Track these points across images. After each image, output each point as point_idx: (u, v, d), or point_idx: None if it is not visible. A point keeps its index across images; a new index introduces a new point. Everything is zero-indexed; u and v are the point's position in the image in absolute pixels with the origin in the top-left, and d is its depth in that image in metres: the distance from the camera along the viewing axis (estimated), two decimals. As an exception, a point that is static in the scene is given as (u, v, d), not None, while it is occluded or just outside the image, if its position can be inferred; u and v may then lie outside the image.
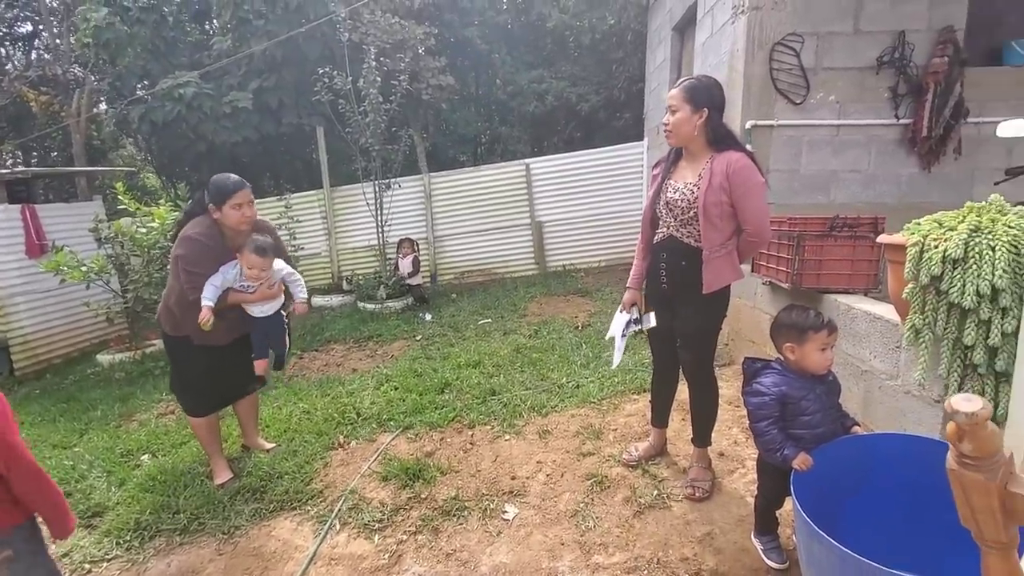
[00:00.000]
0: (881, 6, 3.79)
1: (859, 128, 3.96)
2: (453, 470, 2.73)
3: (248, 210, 2.51)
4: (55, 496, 1.53)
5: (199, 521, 2.49)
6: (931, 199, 3.85)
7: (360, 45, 6.78)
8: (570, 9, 9.42)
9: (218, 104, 7.44)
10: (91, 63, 8.43)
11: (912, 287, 1.89)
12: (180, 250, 2.48)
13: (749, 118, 3.92)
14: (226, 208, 2.47)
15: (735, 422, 2.94)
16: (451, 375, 3.95)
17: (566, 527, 2.24)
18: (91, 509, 2.67)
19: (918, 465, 1.63)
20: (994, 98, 3.86)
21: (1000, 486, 0.64)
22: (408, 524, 2.35)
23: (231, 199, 2.46)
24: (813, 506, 1.43)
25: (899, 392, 2.17)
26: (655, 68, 6.92)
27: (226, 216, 2.48)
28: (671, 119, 2.14)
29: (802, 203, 3.92)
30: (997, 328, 1.70)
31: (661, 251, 2.27)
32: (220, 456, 2.84)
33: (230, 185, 2.48)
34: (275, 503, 2.57)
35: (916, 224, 1.95)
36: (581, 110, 9.19)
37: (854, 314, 2.46)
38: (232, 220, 2.49)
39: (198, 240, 2.47)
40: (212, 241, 2.51)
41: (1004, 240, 1.70)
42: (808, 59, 3.85)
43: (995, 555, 0.73)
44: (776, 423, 1.78)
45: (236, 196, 2.47)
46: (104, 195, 7.92)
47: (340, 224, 7.82)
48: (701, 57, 4.92)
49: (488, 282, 7.51)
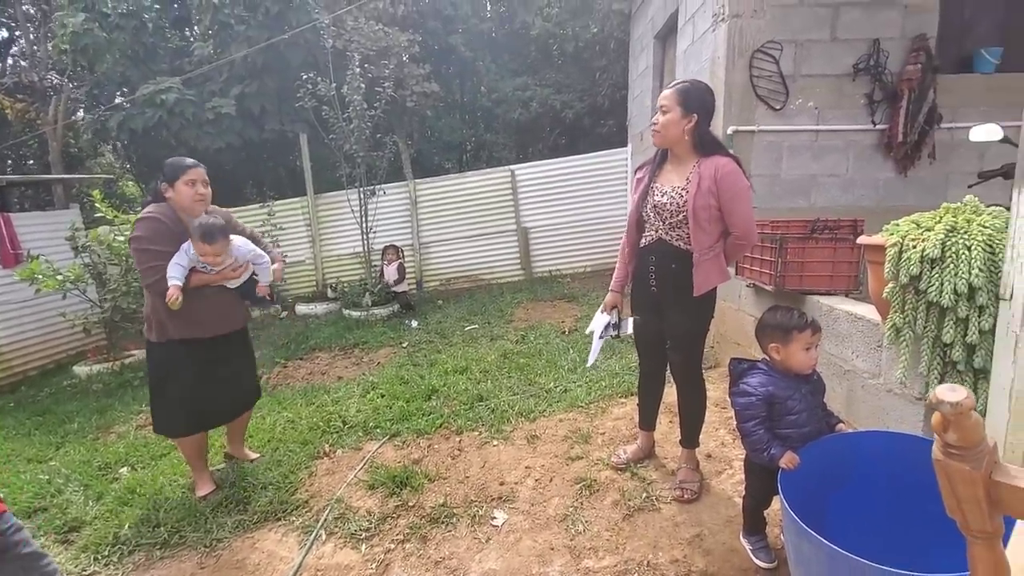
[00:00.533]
0: (856, 15, 3.89)
1: (837, 133, 4.05)
2: (441, 477, 2.71)
3: (201, 188, 2.48)
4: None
5: (180, 534, 2.43)
6: (907, 202, 3.93)
7: (344, 52, 6.76)
8: (553, 18, 9.51)
9: (200, 110, 7.35)
10: (68, 70, 8.29)
11: (892, 287, 1.93)
12: (135, 232, 2.44)
13: (731, 124, 3.98)
14: (179, 184, 2.44)
15: (722, 423, 2.96)
16: (438, 381, 3.92)
17: (555, 532, 2.23)
18: (68, 524, 2.59)
19: (901, 461, 1.66)
20: (965, 104, 3.97)
21: (985, 475, 0.65)
22: (396, 532, 2.32)
23: (184, 175, 2.44)
24: (800, 505, 1.44)
25: (881, 390, 2.21)
26: (638, 75, 7.01)
27: (179, 193, 2.45)
28: (661, 119, 2.16)
29: (784, 207, 3.98)
30: (975, 326, 1.74)
31: (650, 254, 2.28)
32: (204, 468, 2.76)
33: (183, 162, 2.48)
34: (259, 514, 2.52)
35: (895, 225, 1.99)
36: (565, 117, 9.27)
37: (836, 315, 2.50)
38: (185, 197, 2.45)
39: (151, 217, 2.43)
40: (167, 219, 2.45)
41: (979, 240, 1.74)
42: (787, 66, 3.93)
43: (980, 545, 0.74)
44: (763, 423, 1.79)
45: (189, 173, 2.45)
46: (81, 203, 7.77)
47: (324, 231, 7.75)
48: (683, 64, 4.99)
49: (474, 288, 7.50)
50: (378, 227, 7.19)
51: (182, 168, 2.45)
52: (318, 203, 7.67)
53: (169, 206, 2.50)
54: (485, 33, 9.93)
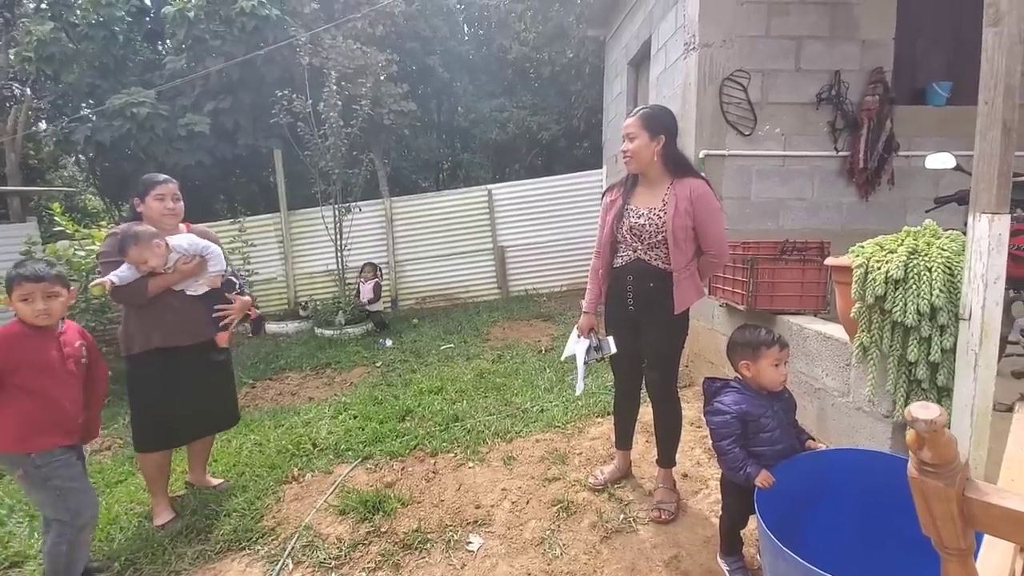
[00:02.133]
0: (819, 47, 4.09)
1: (803, 159, 4.21)
2: (415, 501, 2.63)
3: (171, 203, 2.51)
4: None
5: (135, 567, 2.28)
6: (869, 226, 4.09)
7: (320, 69, 6.75)
8: (530, 42, 9.73)
9: (172, 126, 7.20)
10: (31, 79, 8.04)
11: (859, 307, 1.99)
12: (102, 247, 2.47)
13: (702, 148, 4.10)
14: (149, 200, 2.47)
15: (697, 443, 2.97)
16: (412, 402, 3.85)
17: (532, 556, 2.18)
18: (9, 559, 2.41)
19: (872, 478, 1.69)
20: (920, 134, 4.19)
21: (958, 492, 0.66)
22: (367, 560, 2.24)
23: (154, 190, 2.48)
24: (777, 523, 1.44)
25: (851, 408, 2.26)
26: (612, 100, 7.19)
27: (149, 208, 2.48)
28: (630, 146, 2.21)
29: (753, 229, 4.10)
30: (937, 345, 1.80)
31: (627, 274, 2.31)
32: (163, 495, 2.63)
33: (154, 178, 2.52)
34: (222, 543, 2.39)
35: (860, 247, 2.06)
36: (542, 138, 9.42)
37: (806, 334, 2.56)
38: (155, 212, 2.48)
39: (115, 234, 2.44)
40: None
41: (939, 262, 1.81)
42: (755, 94, 4.08)
43: (954, 561, 0.75)
44: (737, 441, 1.80)
45: (158, 188, 2.48)
46: (40, 217, 7.47)
47: (297, 248, 7.62)
48: (656, 90, 5.14)
49: (450, 307, 7.45)
50: (353, 245, 7.11)
51: (152, 183, 2.49)
52: (291, 220, 7.56)
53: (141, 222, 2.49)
54: (463, 55, 10.07)
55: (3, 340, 1.94)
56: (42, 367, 1.98)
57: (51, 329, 2.04)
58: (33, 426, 1.96)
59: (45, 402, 1.98)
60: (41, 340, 2.00)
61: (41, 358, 1.99)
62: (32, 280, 1.95)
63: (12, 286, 1.96)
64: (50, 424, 2.00)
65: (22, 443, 1.96)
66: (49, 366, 2.00)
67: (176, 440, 2.64)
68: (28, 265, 2.01)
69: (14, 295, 1.96)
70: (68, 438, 2.08)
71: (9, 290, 1.97)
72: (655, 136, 2.19)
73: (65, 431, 2.06)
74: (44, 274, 1.98)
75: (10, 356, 1.93)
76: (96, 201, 10.87)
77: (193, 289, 2.56)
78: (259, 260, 7.45)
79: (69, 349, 2.09)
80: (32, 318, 1.96)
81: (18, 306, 1.96)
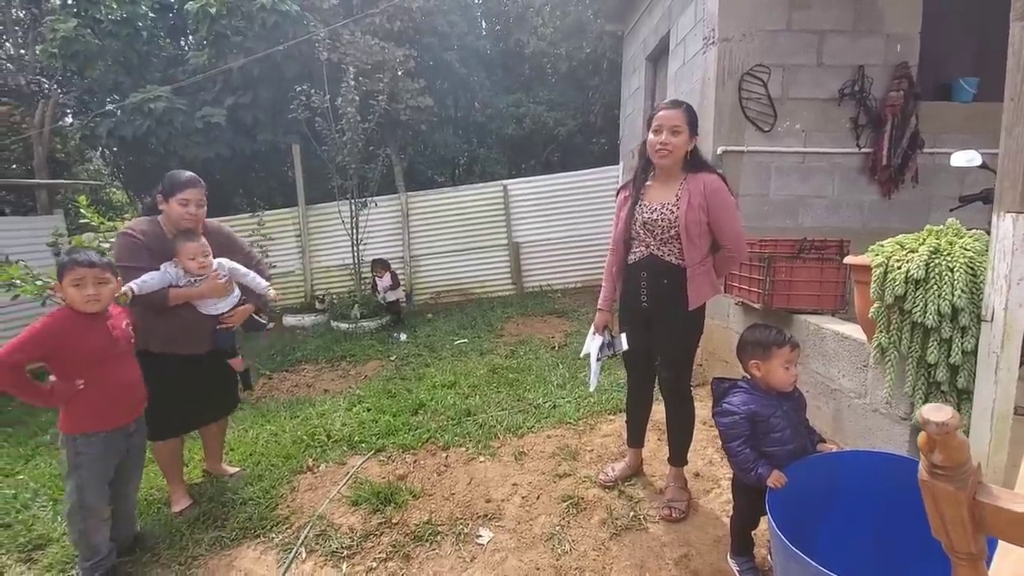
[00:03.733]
0: (842, 42, 4.00)
1: (824, 156, 4.13)
2: (426, 493, 2.66)
3: (195, 208, 2.41)
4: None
5: (153, 552, 2.35)
6: (891, 225, 4.00)
7: (339, 65, 6.80)
8: (548, 37, 9.67)
9: (190, 119, 7.32)
10: (58, 75, 8.23)
11: (878, 306, 1.95)
12: (115, 251, 2.41)
13: (720, 144, 4.04)
14: (172, 202, 2.39)
15: (710, 442, 2.95)
16: (426, 396, 3.88)
17: (542, 551, 2.19)
18: (32, 542, 2.49)
19: (887, 481, 1.66)
20: (946, 130, 4.08)
21: (969, 496, 0.65)
22: (378, 551, 2.27)
23: (179, 194, 2.38)
24: (788, 525, 1.43)
25: (867, 410, 2.22)
26: (630, 95, 7.12)
27: (171, 210, 2.40)
28: (673, 139, 2.13)
29: (772, 226, 4.03)
30: (958, 347, 1.76)
31: (641, 270, 2.29)
32: (180, 482, 2.70)
33: (182, 179, 2.40)
34: (237, 531, 2.45)
35: (879, 246, 2.02)
36: (559, 134, 9.37)
37: (823, 334, 2.52)
38: (175, 215, 2.40)
39: (128, 234, 2.39)
40: (147, 237, 2.40)
41: (962, 262, 1.77)
42: (775, 89, 4.01)
43: (965, 566, 0.74)
44: (748, 442, 1.79)
45: (185, 192, 2.38)
46: (66, 210, 7.65)
47: (314, 242, 7.71)
48: (674, 85, 5.08)
49: (464, 302, 7.47)
50: (369, 239, 7.17)
51: (179, 186, 2.39)
52: (309, 214, 7.64)
53: (156, 223, 2.46)
54: (480, 50, 10.06)
55: (53, 325, 2.01)
56: (92, 352, 2.06)
57: (100, 315, 2.11)
58: (81, 409, 2.06)
59: (95, 386, 2.06)
60: (90, 326, 2.07)
61: (90, 343, 2.06)
62: (85, 265, 2.02)
63: (64, 271, 2.03)
64: (99, 407, 2.09)
65: (72, 424, 2.07)
66: (99, 351, 2.08)
67: (184, 427, 2.68)
68: (81, 252, 2.09)
69: (66, 279, 2.02)
70: (121, 418, 2.17)
71: (61, 275, 2.04)
72: (692, 135, 2.16)
73: (116, 414, 2.15)
74: (96, 261, 2.06)
75: (59, 341, 2.00)
76: (120, 194, 11.10)
77: (208, 309, 2.55)
78: (277, 254, 7.56)
79: (118, 332, 2.16)
80: (82, 303, 2.03)
81: (69, 291, 2.02)
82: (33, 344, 1.97)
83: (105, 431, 2.11)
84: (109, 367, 2.11)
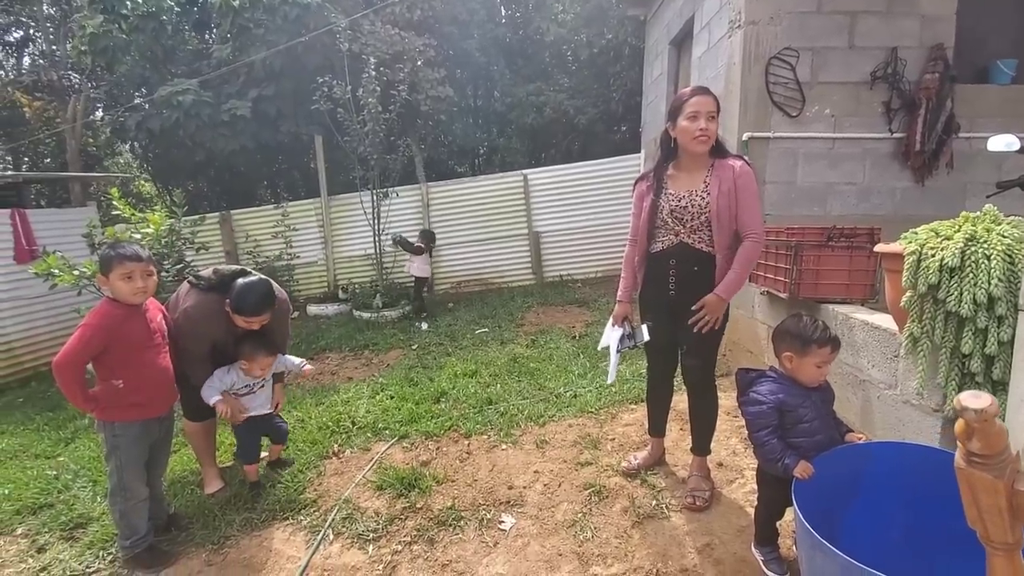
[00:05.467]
0: (874, 23, 3.86)
1: (854, 141, 4.01)
2: (449, 480, 2.70)
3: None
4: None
5: (188, 531, 2.44)
6: (925, 212, 3.86)
7: (359, 55, 6.83)
8: (568, 24, 9.55)
9: (216, 112, 7.45)
10: (88, 70, 8.44)
11: (910, 295, 1.90)
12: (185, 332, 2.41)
13: (746, 130, 3.96)
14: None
15: (733, 432, 2.93)
16: (447, 384, 3.93)
17: (564, 537, 2.21)
18: (73, 520, 2.61)
19: (917, 473, 1.63)
20: (983, 115, 3.92)
21: (1008, 484, 0.64)
22: (403, 534, 2.32)
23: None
24: (815, 515, 1.42)
25: (898, 401, 2.17)
26: (652, 82, 7.00)
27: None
28: (712, 126, 2.12)
29: (799, 214, 3.94)
30: (994, 337, 1.71)
31: (669, 258, 2.27)
32: (213, 465, 2.79)
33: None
34: (267, 513, 2.53)
35: (913, 233, 1.97)
36: (579, 123, 9.27)
37: (852, 323, 2.47)
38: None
39: (189, 318, 2.39)
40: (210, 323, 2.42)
41: (999, 249, 1.71)
42: (803, 73, 3.90)
43: (1001, 557, 0.72)
44: (775, 432, 1.77)
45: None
46: (98, 202, 7.89)
47: (337, 233, 7.80)
48: (697, 70, 4.98)
49: (485, 292, 7.50)
50: (390, 229, 7.23)
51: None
52: (331, 205, 7.73)
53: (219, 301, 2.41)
54: (499, 38, 9.98)
55: (104, 319, 2.08)
56: (133, 343, 2.14)
57: (139, 307, 2.17)
58: (120, 398, 2.13)
59: (134, 376, 2.14)
60: (131, 318, 2.14)
61: (133, 335, 2.14)
62: (135, 260, 2.08)
63: (113, 264, 2.07)
64: (138, 397, 2.16)
65: (109, 413, 2.15)
66: (139, 342, 2.16)
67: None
68: (127, 247, 2.13)
69: (114, 273, 2.07)
70: (159, 408, 2.26)
71: (108, 268, 2.07)
72: (718, 119, 2.15)
73: (154, 403, 2.23)
74: (143, 255, 2.12)
75: (110, 334, 2.07)
76: (149, 186, 11.39)
77: (256, 411, 2.65)
78: (300, 244, 7.68)
79: (155, 324, 2.24)
80: (131, 295, 2.10)
81: (118, 284, 2.08)
82: (95, 340, 2.04)
83: (141, 420, 2.19)
84: (147, 358, 2.18)
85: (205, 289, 2.45)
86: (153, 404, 2.23)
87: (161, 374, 2.24)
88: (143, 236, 5.25)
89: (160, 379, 2.24)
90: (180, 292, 2.54)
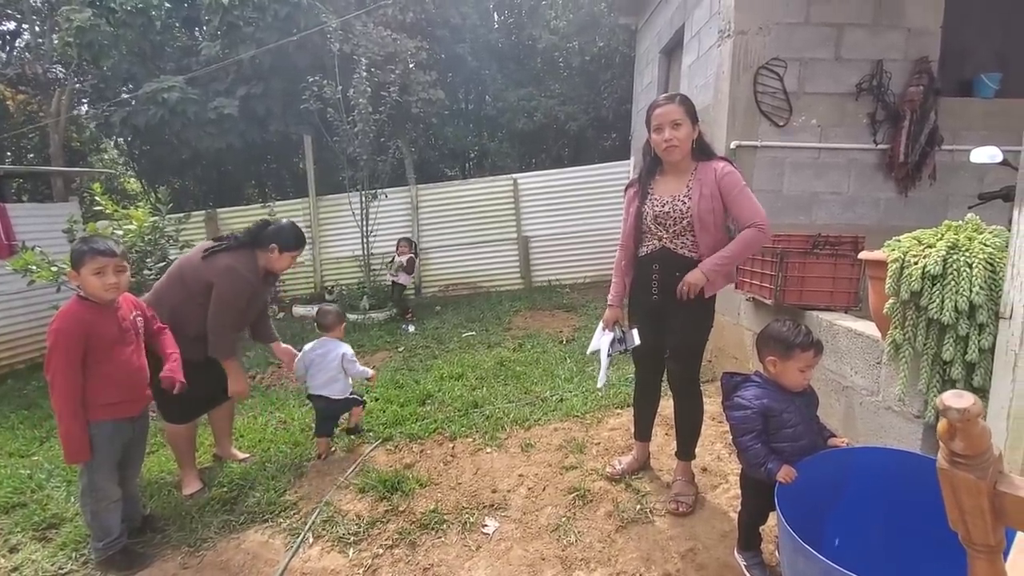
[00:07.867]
0: (860, 35, 3.93)
1: (839, 151, 4.07)
2: (433, 482, 2.67)
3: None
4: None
5: (163, 533, 2.38)
6: (908, 222, 3.89)
7: (351, 56, 6.80)
8: (560, 31, 9.61)
9: (203, 110, 7.36)
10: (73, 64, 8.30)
11: (892, 302, 1.92)
12: (224, 285, 2.50)
13: (734, 138, 3.99)
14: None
15: (718, 437, 2.93)
16: (433, 387, 3.89)
17: (547, 541, 2.19)
18: (46, 521, 2.54)
19: (898, 478, 1.64)
20: (966, 127, 4.00)
21: (990, 485, 0.64)
22: (384, 538, 2.28)
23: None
24: (797, 520, 1.41)
25: (880, 408, 2.19)
26: (643, 89, 7.06)
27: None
28: (677, 134, 2.12)
29: (785, 222, 3.98)
30: (975, 344, 1.73)
31: (652, 263, 2.28)
32: (192, 466, 2.73)
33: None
34: (246, 515, 2.48)
35: (896, 241, 1.99)
36: (570, 128, 9.32)
37: (836, 330, 2.49)
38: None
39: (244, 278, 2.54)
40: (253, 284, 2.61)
41: (981, 258, 1.74)
42: (791, 83, 3.95)
43: (982, 559, 0.72)
44: (759, 437, 1.77)
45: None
46: (81, 198, 7.75)
47: (325, 233, 7.74)
48: (687, 79, 5.03)
49: (473, 295, 7.48)
50: (379, 231, 7.19)
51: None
52: (319, 205, 7.67)
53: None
54: (492, 43, 10.01)
55: (75, 317, 2.00)
56: (106, 341, 2.05)
57: (111, 304, 2.09)
58: (94, 396, 2.05)
59: (106, 375, 2.06)
60: (102, 315, 2.06)
61: (104, 333, 2.05)
62: (106, 255, 2.00)
63: (84, 259, 1.99)
64: (110, 396, 2.08)
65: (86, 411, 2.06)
66: (111, 340, 2.07)
67: (208, 405, 2.75)
68: (99, 240, 2.04)
69: (85, 268, 1.99)
70: (132, 409, 2.18)
71: (79, 263, 1.99)
72: (694, 124, 2.15)
73: (128, 403, 2.15)
74: (116, 250, 2.04)
75: (84, 332, 1.99)
76: (134, 183, 11.21)
77: (329, 391, 2.98)
78: (287, 244, 7.59)
79: (127, 322, 2.16)
80: (103, 291, 2.01)
81: (89, 279, 1.99)
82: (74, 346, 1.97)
83: (112, 420, 2.12)
84: (120, 356, 2.10)
85: (236, 247, 2.58)
86: (126, 403, 2.15)
87: (136, 373, 2.17)
88: (125, 233, 5.15)
89: (134, 378, 2.17)
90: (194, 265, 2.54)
